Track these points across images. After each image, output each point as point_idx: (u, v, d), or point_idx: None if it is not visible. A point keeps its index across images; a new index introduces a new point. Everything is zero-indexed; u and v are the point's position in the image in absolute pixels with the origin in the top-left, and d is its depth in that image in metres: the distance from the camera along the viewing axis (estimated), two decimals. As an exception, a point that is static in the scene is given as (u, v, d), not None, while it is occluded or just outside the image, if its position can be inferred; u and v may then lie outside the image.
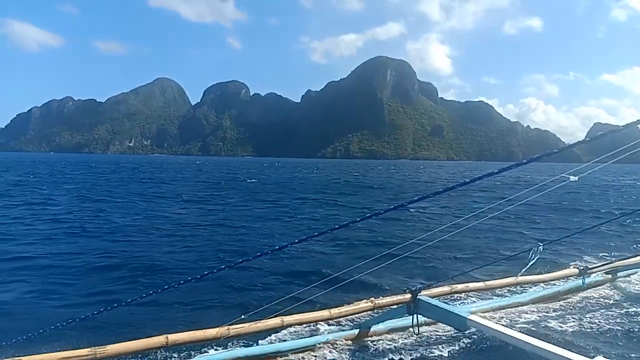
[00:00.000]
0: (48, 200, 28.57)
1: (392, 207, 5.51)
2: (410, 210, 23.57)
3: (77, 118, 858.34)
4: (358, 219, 5.17)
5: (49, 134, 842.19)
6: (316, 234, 4.40)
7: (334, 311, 6.57)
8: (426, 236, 9.59)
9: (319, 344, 6.91)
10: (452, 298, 9.10)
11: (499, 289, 9.66)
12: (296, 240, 5.33)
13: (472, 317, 5.92)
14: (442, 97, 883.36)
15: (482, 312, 8.15)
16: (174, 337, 5.28)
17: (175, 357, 6.09)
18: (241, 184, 50.73)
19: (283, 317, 6.19)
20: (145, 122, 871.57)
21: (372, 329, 7.27)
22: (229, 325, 6.03)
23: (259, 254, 11.01)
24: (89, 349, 4.76)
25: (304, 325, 7.25)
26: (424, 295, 6.81)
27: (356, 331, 7.22)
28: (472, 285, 8.79)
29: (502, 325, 6.48)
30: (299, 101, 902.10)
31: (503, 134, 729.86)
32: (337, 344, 6.98)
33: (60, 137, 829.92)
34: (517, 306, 8.88)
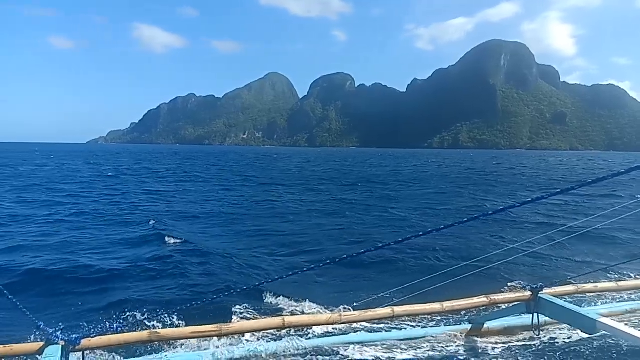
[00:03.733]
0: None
1: (529, 199, 4.65)
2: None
3: (198, 113, 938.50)
4: (491, 212, 4.68)
5: (175, 127, 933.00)
6: (442, 227, 4.14)
7: (447, 304, 6.16)
8: (551, 234, 9.05)
9: (429, 336, 6.88)
10: (577, 299, 8.32)
11: (634, 291, 8.82)
12: (420, 233, 4.90)
13: (603, 319, 5.47)
14: (564, 81, 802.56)
15: (613, 315, 7.38)
16: (290, 320, 5.50)
17: (292, 336, 6.56)
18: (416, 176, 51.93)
19: (394, 307, 5.96)
20: (257, 115, 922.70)
21: (485, 326, 7.08)
22: (341, 312, 6.34)
23: (387, 243, 11.22)
24: (215, 325, 5.07)
25: (415, 316, 7.17)
26: (545, 293, 6.35)
27: (469, 326, 7.09)
28: (601, 285, 7.89)
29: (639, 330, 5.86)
30: (405, 90, 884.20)
31: (637, 121, 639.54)
32: (448, 338, 6.88)
33: (184, 130, 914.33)
34: None
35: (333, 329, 7.00)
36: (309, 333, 6.90)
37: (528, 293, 6.36)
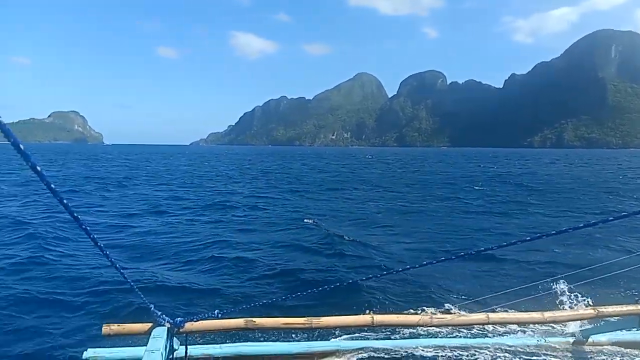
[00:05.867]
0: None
1: None
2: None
3: (289, 114, 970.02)
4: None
5: (268, 129, 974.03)
6: (554, 232, 3.75)
7: (548, 314, 5.79)
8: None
9: (527, 346, 6.48)
10: None
11: None
12: (527, 238, 4.84)
13: None
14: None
15: None
16: (379, 318, 5.39)
17: (381, 333, 6.54)
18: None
19: (489, 313, 5.71)
20: (345, 116, 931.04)
21: (591, 339, 6.60)
22: (433, 314, 6.12)
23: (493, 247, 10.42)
24: (305, 319, 5.20)
25: (511, 324, 6.75)
26: None
27: (571, 339, 6.64)
28: None
29: None
30: (502, 86, 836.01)
31: None
32: (548, 349, 6.46)
33: (276, 131, 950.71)
34: None
35: (423, 330, 6.63)
36: (397, 333, 6.64)
37: None
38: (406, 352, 6.20)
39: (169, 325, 4.40)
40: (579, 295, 8.01)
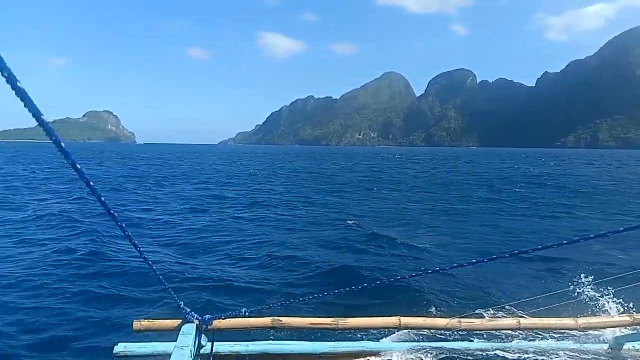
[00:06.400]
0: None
1: None
2: None
3: (316, 114, 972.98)
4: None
5: (295, 129, 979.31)
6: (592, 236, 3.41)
7: (582, 321, 5.59)
8: None
9: (559, 351, 6.27)
10: None
11: None
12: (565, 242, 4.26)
13: None
14: None
15: None
16: (407, 321, 5.37)
17: (409, 336, 6.48)
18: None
19: (520, 319, 5.56)
20: (372, 115, 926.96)
21: (625, 347, 6.32)
22: (461, 317, 5.78)
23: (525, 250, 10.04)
24: (332, 319, 5.24)
25: (543, 331, 6.54)
26: None
27: (605, 346, 6.39)
28: None
29: None
30: (534, 85, 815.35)
31: None
32: (581, 354, 6.23)
33: (303, 131, 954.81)
34: None
35: (451, 334, 6.46)
36: (424, 336, 6.55)
37: None
38: (434, 356, 6.12)
39: (198, 323, 4.50)
40: (616, 301, 7.77)
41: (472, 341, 6.59)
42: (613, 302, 7.78)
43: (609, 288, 7.57)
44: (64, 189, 27.75)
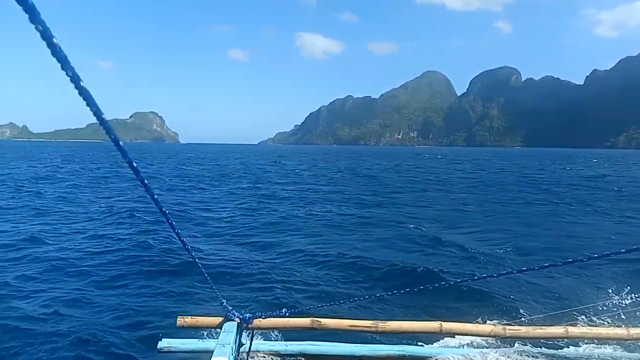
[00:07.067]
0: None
1: None
2: None
3: (354, 114, 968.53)
4: None
5: (333, 129, 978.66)
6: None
7: (635, 331, 5.29)
8: None
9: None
10: None
11: None
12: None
13: None
14: None
15: None
16: (448, 326, 5.26)
17: (449, 341, 6.26)
18: None
19: (568, 327, 5.36)
20: (412, 114, 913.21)
21: None
22: (506, 324, 5.61)
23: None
24: (372, 322, 5.20)
25: (593, 340, 6.26)
26: None
27: None
28: None
29: None
30: (582, 83, 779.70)
31: None
32: None
33: (341, 131, 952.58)
34: None
35: (494, 341, 6.27)
36: (466, 341, 6.36)
37: None
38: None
39: (239, 321, 4.62)
40: None
41: (516, 348, 6.36)
42: None
43: None
44: (126, 187, 28.99)
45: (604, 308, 6.91)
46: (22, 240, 13.31)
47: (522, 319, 7.39)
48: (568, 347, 6.47)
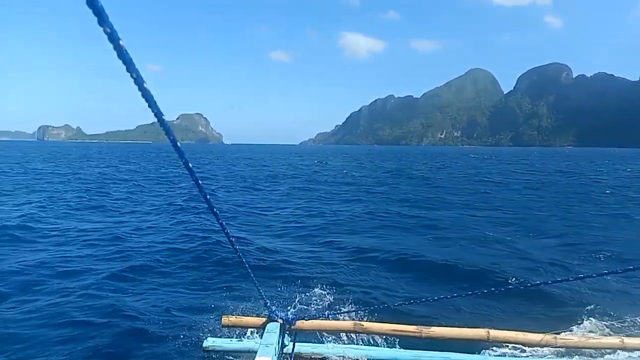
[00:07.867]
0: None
1: None
2: None
3: (395, 113, 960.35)
4: None
5: (374, 128, 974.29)
6: None
7: None
8: None
9: None
10: None
11: None
12: None
13: None
14: None
15: None
16: (495, 334, 5.02)
17: (497, 349, 6.12)
18: None
19: (624, 337, 4.94)
20: (455, 113, 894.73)
21: None
22: (557, 334, 5.21)
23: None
24: (416, 327, 5.01)
25: None
26: None
27: None
28: None
29: None
30: (638, 79, 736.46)
31: None
32: None
33: (382, 131, 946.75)
34: None
35: (545, 351, 6.01)
36: (515, 350, 6.15)
37: None
38: None
39: (282, 322, 4.60)
40: None
41: (567, 358, 6.10)
42: None
43: None
44: (185, 186, 29.95)
45: None
46: (108, 239, 13.96)
47: (575, 327, 7.09)
48: (621, 356, 6.10)
